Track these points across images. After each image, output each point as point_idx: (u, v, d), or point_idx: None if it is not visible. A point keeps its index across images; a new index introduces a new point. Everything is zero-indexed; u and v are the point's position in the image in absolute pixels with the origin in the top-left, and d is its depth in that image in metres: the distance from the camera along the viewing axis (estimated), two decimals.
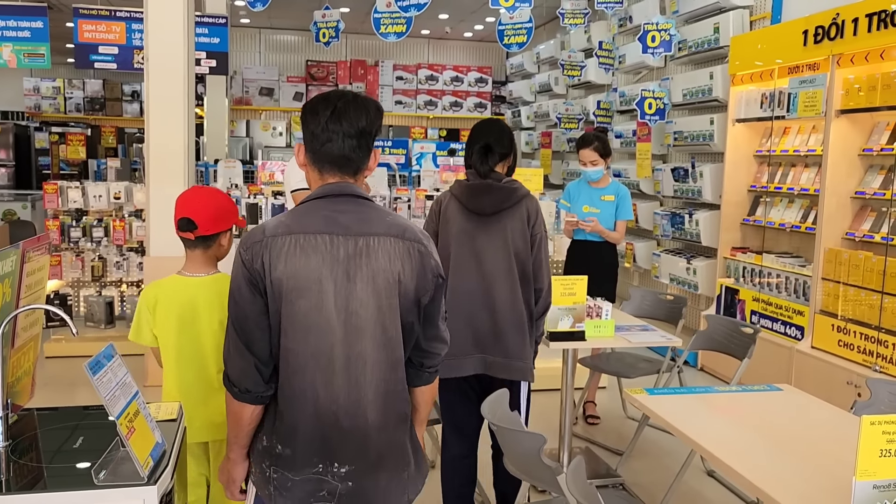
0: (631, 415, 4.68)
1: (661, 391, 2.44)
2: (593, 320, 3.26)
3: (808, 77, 4.76)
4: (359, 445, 1.74)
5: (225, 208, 2.33)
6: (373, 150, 1.87)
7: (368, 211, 1.80)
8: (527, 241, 2.82)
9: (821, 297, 4.68)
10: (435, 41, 11.83)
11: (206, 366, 2.29)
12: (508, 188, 2.83)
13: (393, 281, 1.76)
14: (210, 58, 6.92)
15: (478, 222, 2.83)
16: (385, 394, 1.77)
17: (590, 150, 4.51)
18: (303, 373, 1.73)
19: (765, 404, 2.41)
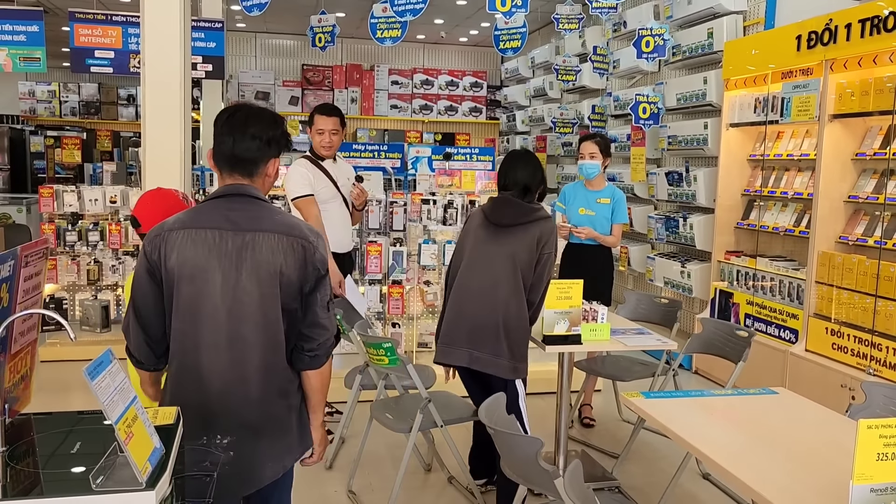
0: (626, 418, 4.69)
1: (657, 394, 2.45)
2: (589, 324, 3.27)
3: (801, 82, 4.79)
4: (240, 418, 1.97)
5: (168, 209, 2.36)
6: (271, 160, 2.10)
7: (259, 210, 2.04)
8: (532, 258, 3.15)
9: (814, 300, 4.70)
10: (430, 46, 11.85)
11: None
12: (528, 206, 3.25)
13: (274, 272, 1.98)
14: (206, 62, 6.92)
15: (494, 232, 3.24)
16: (265, 371, 1.99)
17: (591, 143, 4.54)
18: (191, 353, 1.98)
19: (760, 407, 2.42)
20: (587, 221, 4.56)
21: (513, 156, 3.45)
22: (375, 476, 3.78)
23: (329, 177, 4.18)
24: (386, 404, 3.45)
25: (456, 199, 5.07)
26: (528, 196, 3.29)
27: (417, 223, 5.11)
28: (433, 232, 5.22)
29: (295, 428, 2.08)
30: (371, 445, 4.02)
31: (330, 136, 4.18)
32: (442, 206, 5.06)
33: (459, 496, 3.61)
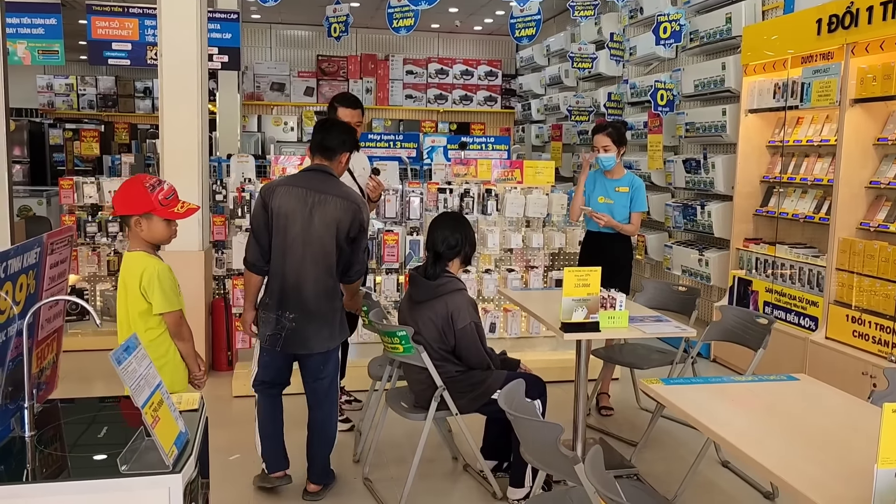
0: (644, 406, 4.68)
1: (677, 381, 2.45)
2: (607, 311, 3.26)
3: (821, 66, 4.73)
4: (301, 305, 3.20)
5: (130, 196, 2.66)
6: (344, 153, 3.35)
7: (331, 181, 3.28)
8: (447, 329, 3.23)
9: (835, 287, 4.66)
10: (445, 35, 11.81)
11: (129, 325, 2.70)
12: (430, 284, 3.28)
13: (332, 222, 3.19)
14: (222, 53, 6.95)
15: (411, 305, 3.34)
16: (316, 281, 3.21)
17: (602, 136, 4.51)
18: (279, 260, 3.22)
19: (781, 393, 2.41)
20: (606, 209, 4.55)
21: (434, 220, 3.42)
22: (392, 464, 3.80)
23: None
24: (401, 393, 3.47)
25: (472, 187, 5.07)
26: (439, 263, 3.26)
27: (434, 212, 5.12)
28: None
29: (337, 323, 3.28)
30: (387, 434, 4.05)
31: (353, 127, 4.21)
32: (458, 195, 5.06)
33: (474, 483, 3.62)
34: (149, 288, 2.64)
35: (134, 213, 2.64)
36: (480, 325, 3.24)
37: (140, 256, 2.69)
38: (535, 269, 5.23)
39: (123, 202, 2.66)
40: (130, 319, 2.68)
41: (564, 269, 3.11)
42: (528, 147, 10.87)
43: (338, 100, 4.24)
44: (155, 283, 2.64)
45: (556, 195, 5.13)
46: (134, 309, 2.67)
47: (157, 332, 2.72)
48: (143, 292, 2.64)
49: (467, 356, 3.23)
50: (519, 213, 5.10)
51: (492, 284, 5.11)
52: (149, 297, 2.65)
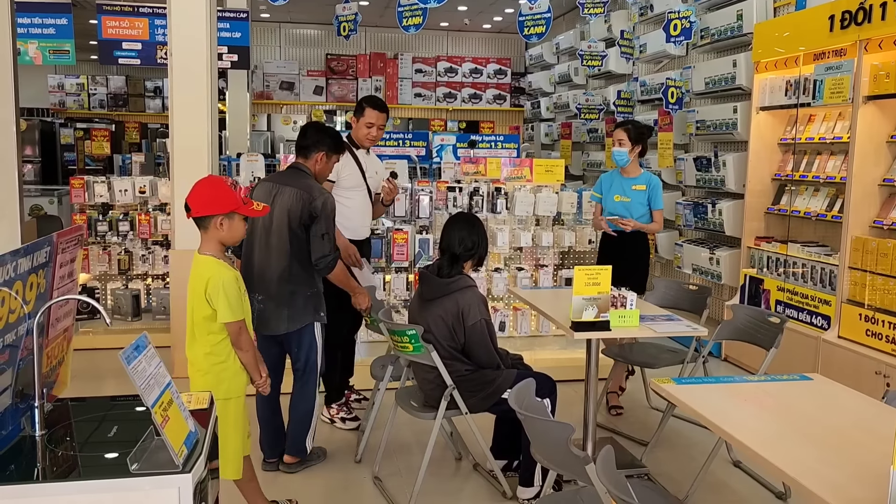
0: (655, 405, 4.66)
1: (689, 381, 2.43)
2: (618, 310, 3.24)
3: (834, 63, 4.69)
4: (265, 288, 3.42)
5: (219, 196, 2.67)
6: (319, 152, 3.61)
7: (297, 175, 3.56)
8: (457, 326, 3.24)
9: (847, 286, 4.62)
10: (454, 33, 11.80)
11: (191, 326, 2.77)
12: (443, 281, 3.28)
13: (285, 210, 3.42)
14: (231, 52, 6.97)
15: (421, 303, 3.36)
16: (275, 265, 3.43)
17: (620, 130, 4.60)
18: (248, 246, 3.48)
19: (795, 393, 2.39)
20: (622, 208, 4.58)
21: (449, 221, 3.46)
22: (402, 463, 3.79)
23: (359, 165, 4.19)
24: (410, 392, 3.46)
25: (482, 186, 5.05)
26: (455, 264, 3.28)
27: (443, 211, 5.11)
28: None
29: (298, 306, 3.44)
30: (396, 433, 4.04)
31: (377, 130, 4.24)
32: (468, 194, 5.05)
33: (484, 482, 3.61)
34: (214, 296, 2.65)
35: (219, 212, 2.65)
36: (491, 323, 3.23)
37: (210, 262, 2.69)
38: (545, 267, 5.21)
39: (209, 202, 2.64)
40: (195, 320, 2.72)
41: (575, 268, 3.10)
42: (538, 145, 10.84)
43: (367, 100, 4.28)
44: (221, 292, 2.64)
45: (565, 193, 5.11)
46: (198, 312, 2.69)
47: (219, 338, 2.73)
48: (207, 299, 2.65)
49: (477, 354, 3.22)
50: (529, 211, 5.08)
51: (501, 283, 5.10)
52: (213, 304, 2.66)
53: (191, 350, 2.77)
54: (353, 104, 12.09)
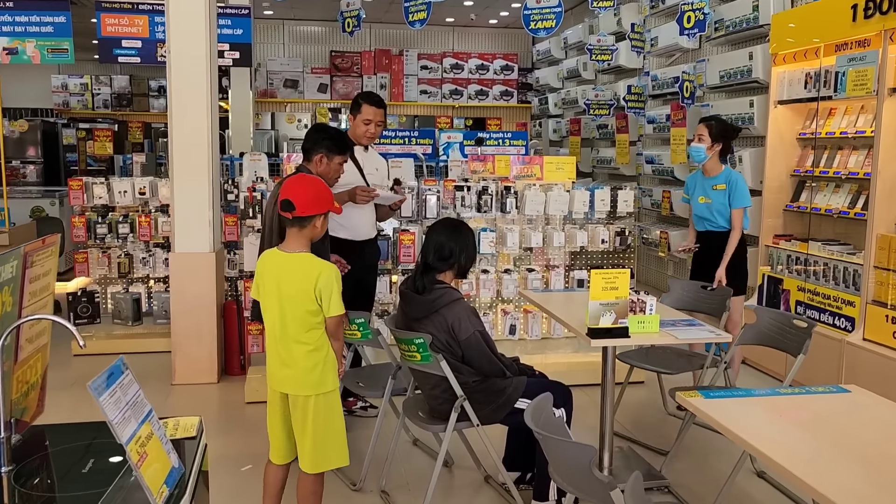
0: (672, 412, 4.49)
1: (717, 394, 2.26)
2: (636, 315, 3.07)
3: (857, 54, 4.50)
4: None
5: (322, 195, 2.72)
6: (318, 154, 3.58)
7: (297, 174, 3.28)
8: (451, 342, 3.05)
9: (873, 286, 4.43)
10: (460, 29, 11.62)
11: (285, 327, 2.69)
12: (424, 300, 3.07)
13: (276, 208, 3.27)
14: (233, 49, 6.82)
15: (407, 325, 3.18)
16: None
17: (702, 125, 4.47)
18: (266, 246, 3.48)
19: (832, 407, 2.22)
20: (705, 209, 4.49)
21: (430, 226, 3.28)
22: (410, 476, 3.64)
23: (356, 163, 4.04)
24: (418, 402, 3.30)
25: (490, 184, 4.89)
26: (427, 275, 3.08)
27: (451, 210, 4.95)
28: (467, 219, 5.04)
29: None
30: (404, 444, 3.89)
31: (375, 126, 4.12)
32: (476, 193, 4.88)
33: (496, 495, 3.46)
34: (325, 291, 2.65)
35: (321, 211, 2.71)
36: (486, 332, 3.06)
37: (312, 259, 2.71)
38: (556, 268, 5.04)
39: (315, 201, 2.68)
40: (295, 319, 2.67)
41: (591, 272, 2.94)
42: (546, 142, 10.66)
43: (363, 96, 4.17)
44: (334, 286, 2.66)
45: (577, 192, 4.94)
46: (301, 307, 2.66)
47: (320, 331, 2.72)
48: (317, 295, 2.65)
49: (479, 365, 3.06)
50: (539, 210, 4.92)
51: (511, 285, 4.94)
52: (323, 299, 2.65)
53: (287, 352, 2.71)
54: None
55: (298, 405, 2.70)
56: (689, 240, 4.77)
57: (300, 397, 2.69)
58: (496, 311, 5.11)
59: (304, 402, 2.68)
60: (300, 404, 2.69)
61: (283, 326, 2.70)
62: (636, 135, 7.94)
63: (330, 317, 2.68)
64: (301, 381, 2.69)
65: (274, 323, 2.73)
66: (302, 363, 2.68)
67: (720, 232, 4.42)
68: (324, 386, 2.70)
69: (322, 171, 3.56)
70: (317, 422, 2.67)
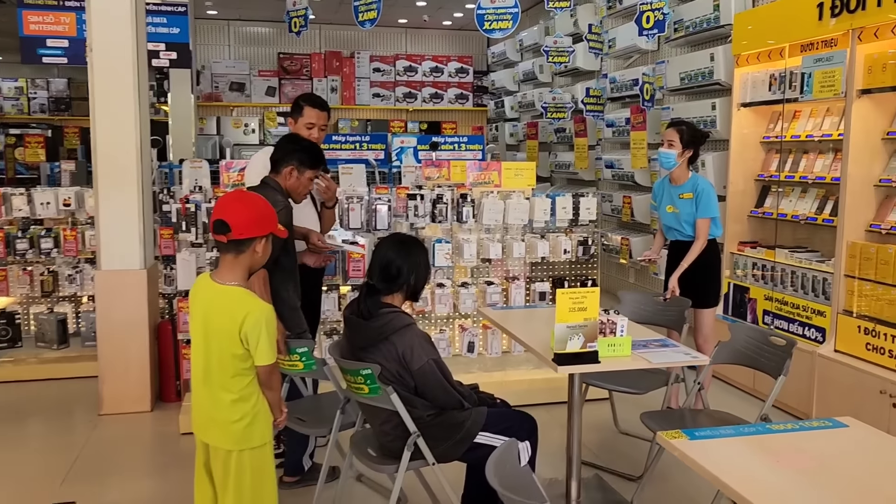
0: (624, 429, 4.25)
1: (704, 434, 1.99)
2: (607, 338, 2.80)
3: (824, 55, 4.33)
4: None
5: (263, 215, 2.38)
6: (287, 166, 3.27)
7: (261, 189, 3.12)
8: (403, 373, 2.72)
9: (843, 295, 4.27)
10: (413, 30, 11.32)
11: (209, 369, 2.36)
12: (371, 328, 2.72)
13: None
14: (170, 49, 6.40)
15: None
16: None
17: (671, 129, 4.25)
18: None
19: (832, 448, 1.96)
20: (673, 219, 4.25)
21: (378, 242, 2.91)
22: None
23: None
24: (368, 438, 2.96)
25: (445, 192, 4.59)
26: (371, 297, 2.73)
27: (404, 220, 4.63)
28: (421, 230, 4.74)
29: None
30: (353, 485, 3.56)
31: (319, 130, 3.78)
32: (430, 201, 4.57)
33: None
34: (252, 335, 2.29)
35: (262, 233, 2.36)
36: (441, 361, 2.74)
37: (243, 295, 2.34)
38: (517, 280, 4.76)
39: (255, 222, 2.34)
40: (221, 362, 2.34)
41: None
42: (503, 146, 10.43)
43: (305, 99, 3.81)
44: (262, 330, 2.30)
45: (537, 199, 4.67)
46: (227, 351, 2.32)
47: (248, 379, 2.37)
48: (242, 338, 2.30)
49: (434, 397, 2.74)
50: (497, 219, 4.63)
51: (469, 299, 4.64)
52: (250, 343, 2.30)
53: (210, 398, 2.37)
54: None
55: (220, 459, 2.37)
56: (654, 249, 4.55)
57: (221, 451, 2.36)
58: (453, 328, 4.81)
59: (226, 456, 2.35)
60: (221, 458, 2.36)
61: (206, 368, 2.37)
62: (595, 139, 7.74)
63: (259, 366, 2.35)
64: (223, 432, 2.36)
65: (198, 362, 2.40)
66: (225, 413, 2.35)
67: (690, 242, 4.20)
68: (249, 441, 2.36)
69: (291, 185, 3.28)
70: (240, 481, 2.33)
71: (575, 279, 4.93)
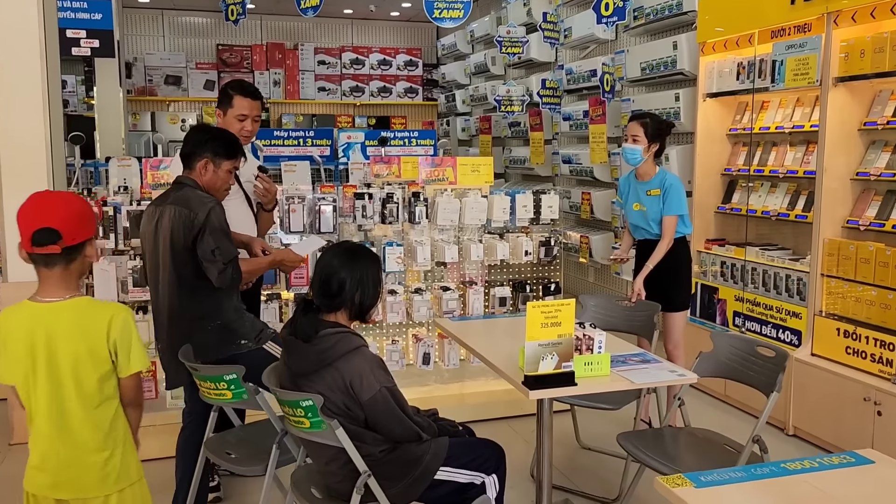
0: (586, 444, 3.95)
1: (712, 479, 1.67)
2: (583, 355, 2.47)
3: (796, 41, 4.09)
4: (161, 333, 2.99)
5: (84, 211, 2.07)
6: (202, 158, 2.91)
7: (176, 189, 2.91)
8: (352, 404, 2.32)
9: (820, 295, 4.04)
10: (359, 21, 10.87)
11: (63, 413, 2.01)
12: (313, 350, 2.32)
13: (167, 233, 2.80)
14: (91, 37, 5.84)
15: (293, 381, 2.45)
16: (168, 304, 2.88)
17: (634, 123, 3.89)
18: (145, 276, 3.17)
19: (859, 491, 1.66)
20: (640, 217, 3.92)
21: (322, 253, 2.53)
22: None
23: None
24: (311, 475, 2.56)
25: (396, 191, 4.20)
26: (308, 316, 2.34)
27: (351, 221, 4.23)
28: (370, 231, 4.34)
29: (203, 344, 2.82)
30: None
31: (252, 122, 3.37)
32: (380, 200, 4.18)
33: None
34: (123, 339, 2.04)
35: (92, 232, 2.08)
36: (395, 388, 2.36)
37: (92, 302, 2.07)
38: (475, 285, 4.41)
39: (85, 220, 2.04)
40: (82, 394, 2.01)
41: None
42: (454, 141, 10.07)
43: (234, 87, 3.40)
44: (133, 330, 2.06)
45: (496, 197, 4.32)
46: (90, 376, 2.01)
47: (115, 402, 2.09)
48: (111, 348, 2.03)
49: (388, 430, 2.36)
50: (453, 219, 4.27)
51: (423, 307, 4.27)
52: (120, 351, 2.04)
53: (71, 444, 2.03)
54: None
55: None
56: (622, 248, 4.25)
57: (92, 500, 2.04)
58: (406, 338, 4.43)
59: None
60: None
61: (60, 410, 2.00)
62: (551, 133, 7.44)
63: (130, 375, 2.07)
64: (95, 478, 2.03)
65: (40, 408, 2.01)
66: (93, 455, 2.02)
67: (658, 241, 3.89)
68: (128, 476, 2.09)
69: (208, 181, 2.93)
70: None
71: (537, 282, 4.60)
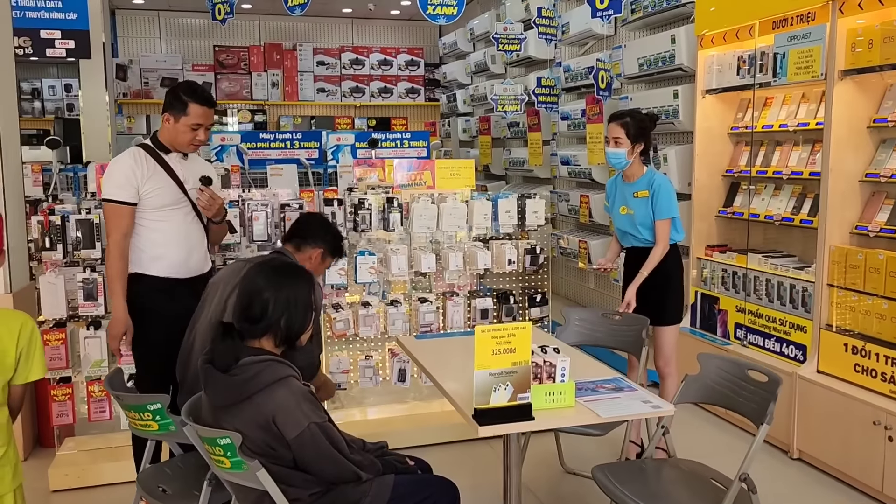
0: (570, 468, 3.65)
1: None
2: (544, 384, 2.19)
3: (799, 31, 3.77)
4: None
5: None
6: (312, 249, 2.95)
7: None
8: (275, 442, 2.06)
9: (826, 307, 3.72)
10: (359, 21, 10.63)
11: None
12: (234, 381, 2.05)
13: None
14: (66, 38, 5.64)
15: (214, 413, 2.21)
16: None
17: (614, 124, 3.60)
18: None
19: None
20: (627, 221, 3.63)
21: (249, 268, 2.34)
22: None
23: (172, 175, 3.01)
24: None
25: (369, 197, 3.94)
26: (226, 341, 2.09)
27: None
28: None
29: None
30: None
31: (205, 131, 3.07)
32: (351, 207, 3.92)
33: None
34: (32, 345, 2.09)
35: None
36: (326, 423, 2.08)
37: (4, 311, 2.12)
38: (455, 297, 4.13)
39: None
40: None
41: (476, 329, 2.02)
42: (455, 142, 9.80)
43: (188, 93, 3.00)
44: (39, 341, 2.12)
45: (477, 202, 4.04)
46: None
47: (5, 411, 2.11)
48: (19, 354, 2.07)
49: (319, 470, 2.09)
50: (431, 226, 4.00)
51: (400, 320, 4.00)
52: (24, 359, 2.08)
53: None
54: (247, 102, 10.60)
55: None
56: (608, 257, 3.91)
57: None
58: (382, 353, 4.16)
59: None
60: None
61: None
62: (550, 133, 7.15)
63: (25, 384, 2.10)
64: None
65: None
66: None
67: (648, 248, 3.58)
68: (15, 481, 2.12)
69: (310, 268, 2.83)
70: None
71: (523, 293, 4.31)
